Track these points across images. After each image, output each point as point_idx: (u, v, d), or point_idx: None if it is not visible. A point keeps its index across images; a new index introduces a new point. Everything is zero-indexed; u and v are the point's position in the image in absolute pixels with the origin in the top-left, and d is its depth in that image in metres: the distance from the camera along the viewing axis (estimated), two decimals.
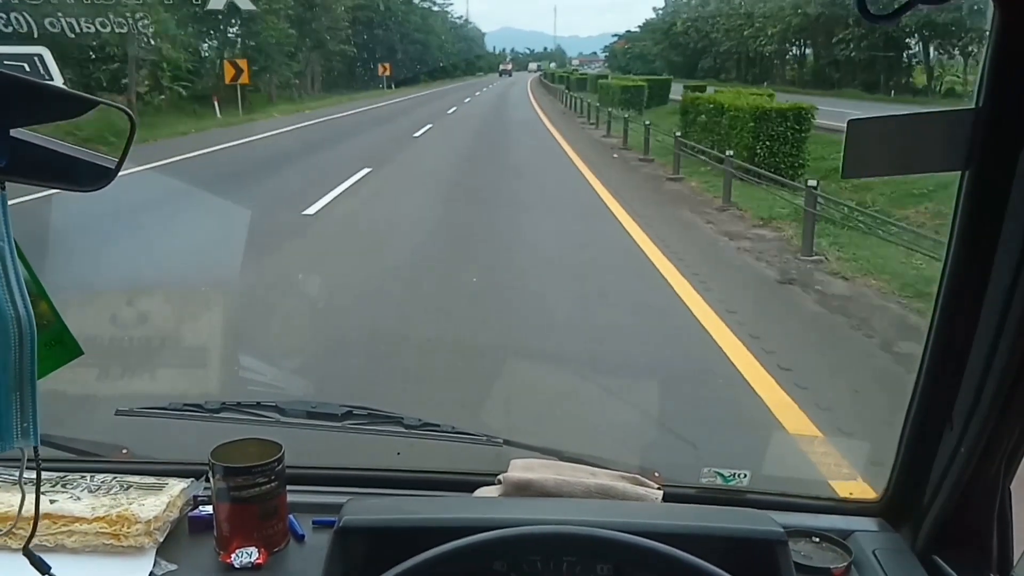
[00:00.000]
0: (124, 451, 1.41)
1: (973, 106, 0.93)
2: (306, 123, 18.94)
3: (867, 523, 1.23)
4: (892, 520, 1.22)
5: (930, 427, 1.10)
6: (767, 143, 9.86)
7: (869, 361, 4.36)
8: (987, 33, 0.90)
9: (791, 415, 3.46)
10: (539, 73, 54.14)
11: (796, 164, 9.75)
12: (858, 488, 1.36)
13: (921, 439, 1.12)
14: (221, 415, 1.35)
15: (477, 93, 35.55)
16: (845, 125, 0.95)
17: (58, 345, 0.73)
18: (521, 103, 30.55)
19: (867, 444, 2.30)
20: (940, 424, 1.07)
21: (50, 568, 0.89)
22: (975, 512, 1.08)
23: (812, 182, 6.78)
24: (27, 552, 0.86)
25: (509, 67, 59.08)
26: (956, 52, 24.21)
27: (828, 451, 2.70)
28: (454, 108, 25.48)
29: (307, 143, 14.78)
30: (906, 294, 5.49)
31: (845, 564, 1.13)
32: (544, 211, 8.77)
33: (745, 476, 1.32)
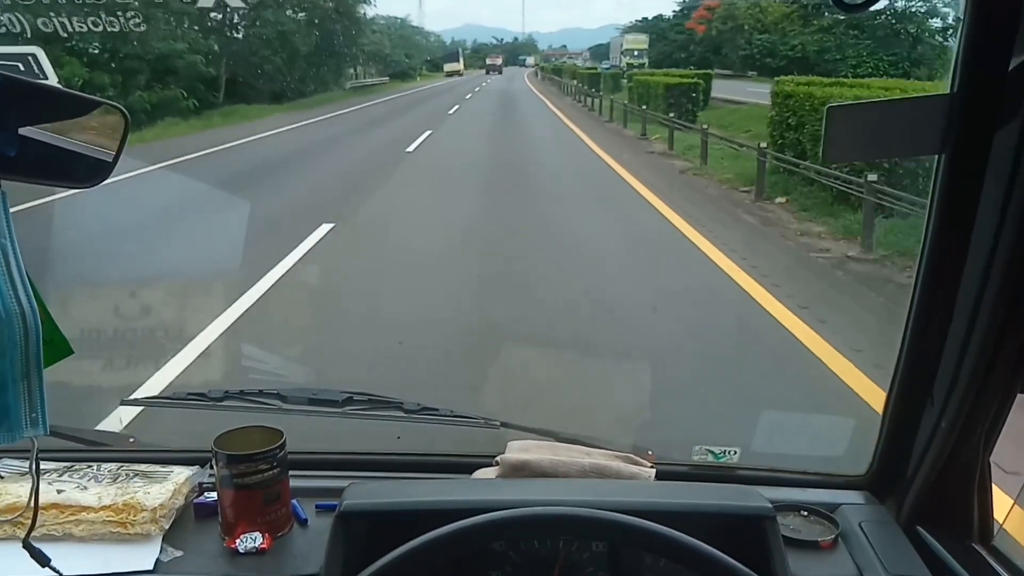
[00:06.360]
0: (130, 440, 1.43)
1: (947, 92, 0.95)
2: None
3: (853, 496, 1.26)
4: (877, 493, 1.25)
5: (912, 403, 1.13)
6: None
7: None
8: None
9: None
10: (533, 68, 48.21)
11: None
12: (845, 463, 1.38)
13: (904, 415, 1.15)
14: (224, 404, 1.37)
15: None
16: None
17: (48, 345, 0.74)
18: None
19: (853, 420, 2.34)
20: (922, 401, 1.10)
21: (50, 560, 0.90)
22: (957, 485, 1.10)
23: (872, 176, 6.16)
24: (27, 544, 0.88)
25: (498, 61, 52.00)
26: None
27: (816, 427, 2.74)
28: None
29: None
30: None
31: (832, 536, 1.16)
32: None
33: (735, 453, 1.35)
